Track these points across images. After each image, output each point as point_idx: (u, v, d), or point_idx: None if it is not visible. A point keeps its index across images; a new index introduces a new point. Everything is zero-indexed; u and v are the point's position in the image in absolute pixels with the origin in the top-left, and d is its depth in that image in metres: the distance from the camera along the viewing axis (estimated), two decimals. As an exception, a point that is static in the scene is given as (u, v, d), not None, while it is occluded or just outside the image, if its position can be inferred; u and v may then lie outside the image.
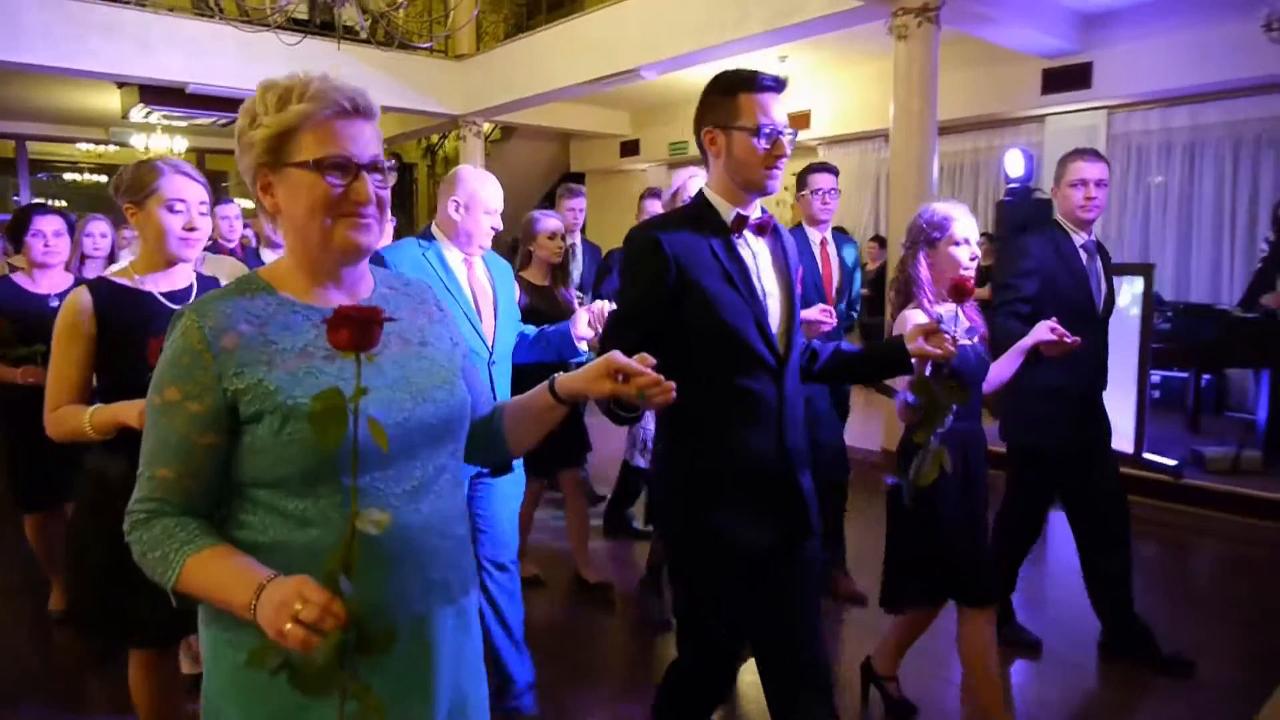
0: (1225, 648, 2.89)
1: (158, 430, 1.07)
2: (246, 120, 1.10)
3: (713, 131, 1.73)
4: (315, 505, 1.07)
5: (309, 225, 1.09)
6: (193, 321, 1.06)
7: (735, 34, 6.38)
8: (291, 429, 1.04)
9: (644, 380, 1.16)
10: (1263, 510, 4.40)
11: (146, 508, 1.07)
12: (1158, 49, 6.26)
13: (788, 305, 1.80)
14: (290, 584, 0.94)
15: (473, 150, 9.72)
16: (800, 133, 7.89)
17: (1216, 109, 6.56)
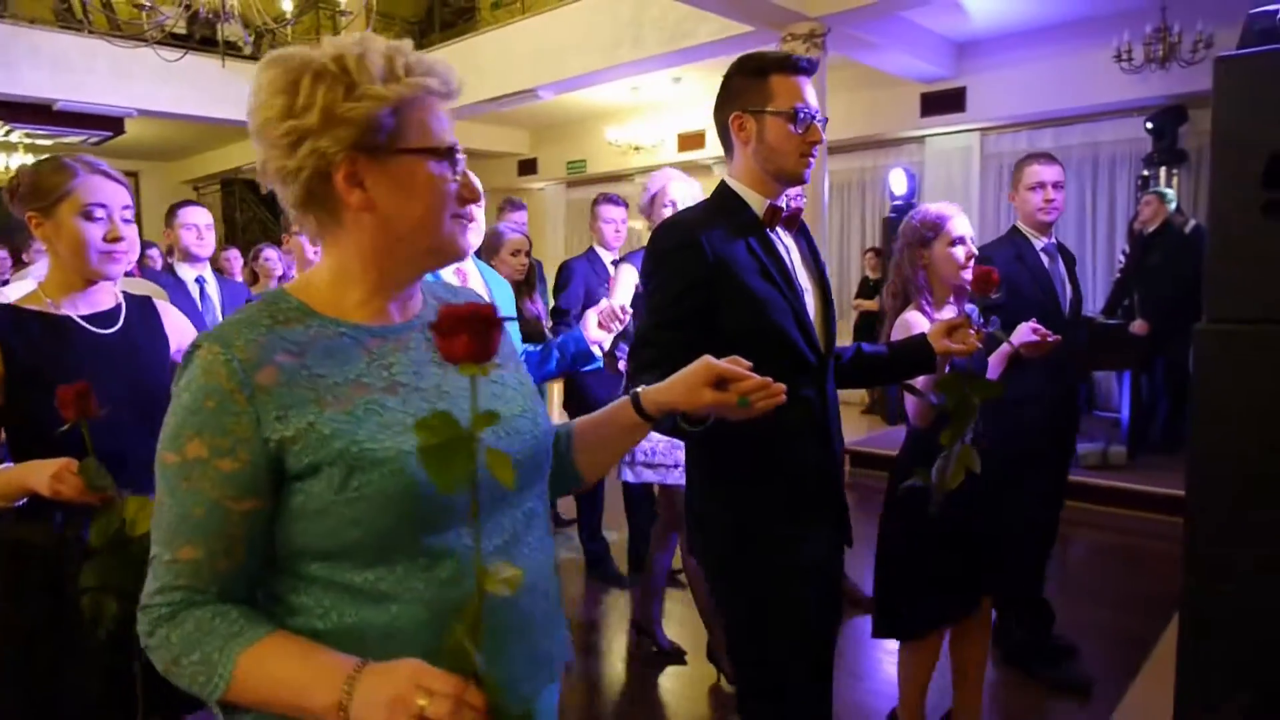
0: (1103, 630, 3.10)
1: (177, 498, 0.83)
2: (328, 89, 0.83)
3: (742, 116, 1.58)
4: (391, 575, 0.85)
5: (422, 227, 0.89)
6: (215, 354, 0.83)
7: (632, 55, 6.50)
8: (359, 482, 0.83)
9: (748, 384, 1.03)
10: (1130, 501, 4.77)
11: (169, 600, 0.83)
12: (1024, 76, 6.72)
13: (823, 301, 1.68)
14: (400, 672, 0.75)
15: (366, 169, 9.50)
16: (695, 152, 8.03)
17: (1078, 131, 7.10)
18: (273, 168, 0.87)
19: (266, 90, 0.85)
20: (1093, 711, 2.56)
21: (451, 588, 0.86)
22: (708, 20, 5.76)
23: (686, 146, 9.14)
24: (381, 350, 0.91)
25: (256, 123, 0.86)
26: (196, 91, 7.60)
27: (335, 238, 0.90)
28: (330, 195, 0.87)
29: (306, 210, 0.89)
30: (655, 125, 9.19)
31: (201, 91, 7.63)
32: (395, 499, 0.83)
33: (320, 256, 0.94)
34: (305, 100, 0.83)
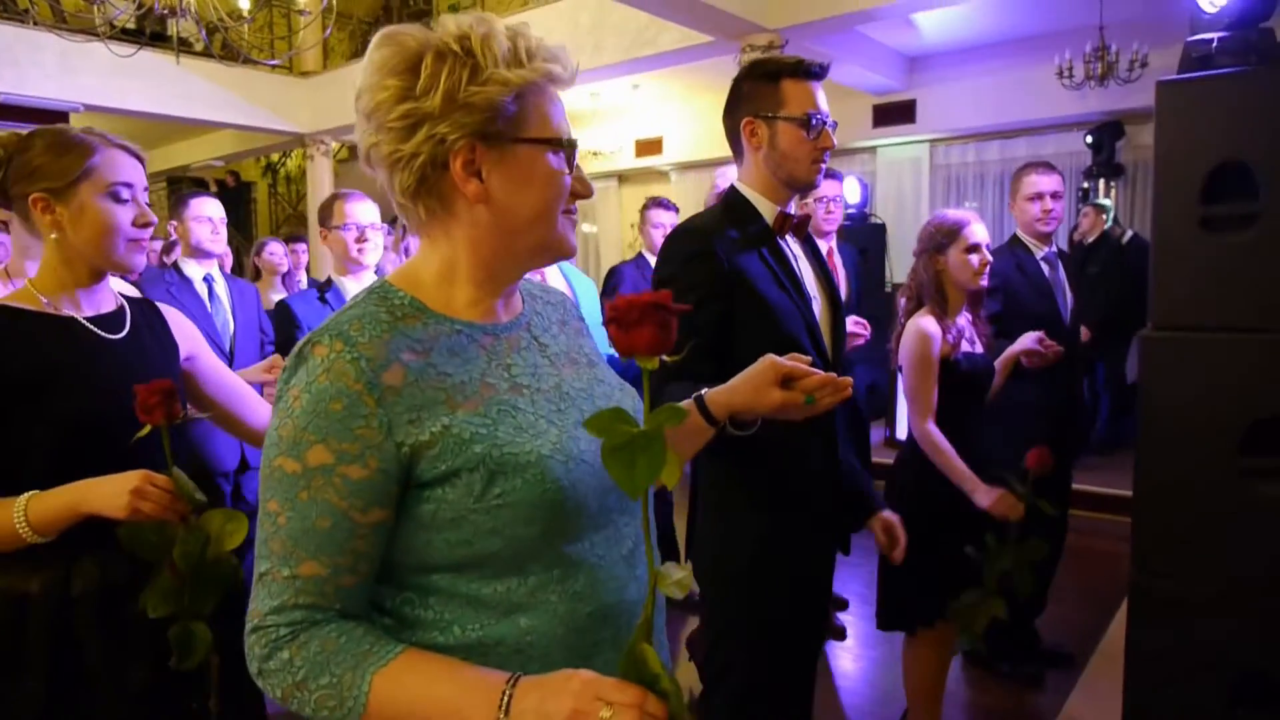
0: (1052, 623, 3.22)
1: (297, 509, 0.76)
2: (451, 71, 0.78)
3: (754, 122, 1.56)
4: (524, 586, 0.80)
5: (538, 221, 0.84)
6: (339, 352, 0.76)
7: (591, 63, 6.53)
8: (502, 489, 0.78)
9: (815, 380, 1.01)
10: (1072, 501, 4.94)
11: (290, 619, 0.76)
12: (971, 90, 6.94)
13: (832, 308, 1.66)
14: (574, 683, 0.70)
15: (321, 169, 9.38)
16: (652, 159, 8.09)
17: (1022, 144, 7.33)
18: (384, 152, 0.81)
19: (381, 70, 0.79)
20: (1047, 701, 2.66)
21: (583, 601, 0.82)
22: (668, 29, 5.83)
23: (644, 152, 9.22)
24: (497, 350, 0.86)
25: (368, 104, 0.80)
26: (146, 88, 7.41)
27: (446, 229, 0.85)
28: (445, 184, 0.82)
29: (417, 199, 0.83)
30: (614, 131, 9.24)
31: (152, 88, 7.45)
32: (539, 507, 0.79)
33: (424, 247, 0.88)
34: (427, 82, 0.78)
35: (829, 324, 1.65)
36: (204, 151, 11.13)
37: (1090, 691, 2.64)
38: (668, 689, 0.69)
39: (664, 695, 0.69)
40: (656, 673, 0.69)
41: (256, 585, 0.78)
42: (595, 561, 0.83)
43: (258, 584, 0.78)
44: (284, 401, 0.78)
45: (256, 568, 0.79)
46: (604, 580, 0.84)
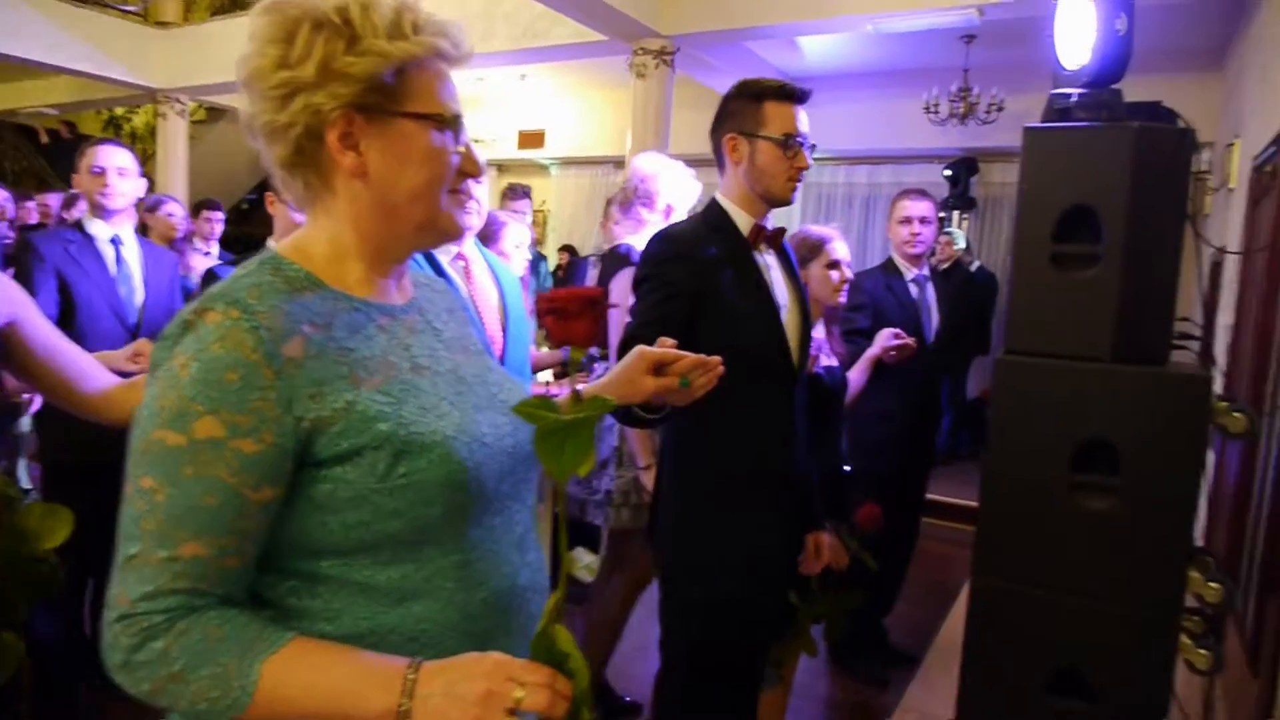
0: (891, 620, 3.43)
1: (180, 486, 0.71)
2: (327, 40, 0.77)
3: (736, 138, 1.65)
4: (420, 572, 0.79)
5: (418, 200, 0.82)
6: (235, 319, 0.73)
7: (480, 48, 6.39)
8: (407, 469, 0.76)
9: (684, 364, 1.01)
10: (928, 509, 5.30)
11: (166, 605, 0.71)
12: (846, 115, 7.29)
13: (801, 317, 1.75)
14: (483, 665, 0.70)
15: (174, 130, 8.73)
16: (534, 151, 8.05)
17: (887, 170, 7.79)
18: (261, 122, 0.79)
19: (259, 38, 0.78)
20: (890, 694, 2.84)
21: (478, 587, 0.82)
22: (562, 23, 5.81)
23: (527, 144, 9.13)
24: (394, 330, 0.85)
25: (246, 71, 0.79)
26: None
27: (326, 205, 0.83)
28: (322, 157, 0.80)
29: (294, 171, 0.81)
30: (497, 119, 9.10)
31: (-18, 22, 6.72)
32: (444, 487, 0.78)
33: (308, 222, 0.86)
34: (302, 50, 0.77)
35: (797, 333, 1.73)
36: (35, 96, 10.11)
37: (927, 684, 2.85)
38: (576, 668, 0.70)
39: (571, 675, 0.70)
40: (567, 652, 0.70)
41: (123, 569, 0.73)
42: (490, 546, 0.83)
43: (124, 567, 0.73)
44: (166, 370, 0.73)
45: (122, 550, 0.73)
46: (498, 566, 0.84)
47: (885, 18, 5.08)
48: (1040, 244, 1.84)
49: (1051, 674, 1.81)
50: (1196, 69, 5.63)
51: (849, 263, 2.31)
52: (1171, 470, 1.69)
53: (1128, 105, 1.82)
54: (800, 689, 2.36)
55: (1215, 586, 1.70)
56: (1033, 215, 1.87)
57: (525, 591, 0.87)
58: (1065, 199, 1.82)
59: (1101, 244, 1.78)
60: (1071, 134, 1.86)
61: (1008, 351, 1.90)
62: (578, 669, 0.71)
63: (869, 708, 2.74)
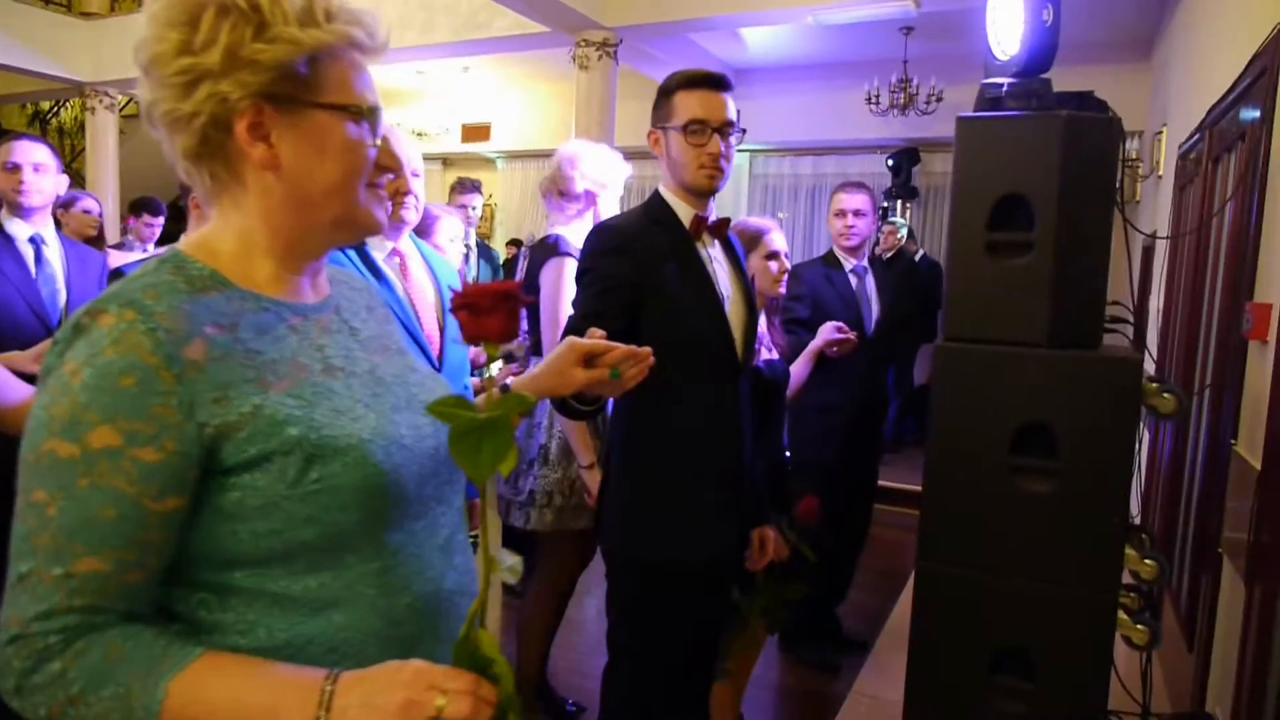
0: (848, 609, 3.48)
1: (74, 498, 0.68)
2: (234, 26, 0.73)
3: (655, 132, 1.69)
4: (338, 580, 0.76)
5: (334, 194, 0.79)
6: (130, 321, 0.69)
7: (420, 40, 6.31)
8: (319, 474, 0.73)
9: (615, 355, 1.01)
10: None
11: (62, 624, 0.67)
12: (789, 106, 7.35)
13: (746, 309, 1.74)
14: (403, 674, 0.68)
15: (103, 124, 8.45)
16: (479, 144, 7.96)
17: (831, 161, 7.88)
18: (162, 110, 0.75)
19: (159, 22, 0.74)
20: (843, 679, 2.88)
21: (401, 593, 0.79)
22: (503, 14, 5.74)
23: (471, 138, 9.02)
24: (306, 330, 0.82)
25: (145, 57, 0.75)
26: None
27: (235, 198, 0.79)
28: (230, 148, 0.76)
29: (200, 163, 0.77)
30: (440, 113, 8.98)
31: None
32: (360, 491, 0.75)
33: (215, 217, 0.82)
34: (206, 36, 0.73)
35: (742, 324, 1.73)
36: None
37: (878, 667, 2.89)
38: (500, 672, 0.69)
39: (495, 680, 0.69)
40: (491, 657, 0.69)
41: (14, 588, 0.68)
42: (413, 551, 0.81)
43: (15, 587, 0.68)
44: (56, 378, 0.69)
45: (13, 568, 0.69)
46: (421, 570, 0.81)
47: (825, 10, 5.12)
48: (975, 232, 1.87)
49: (995, 654, 1.84)
50: (1126, 60, 5.79)
51: (787, 253, 2.33)
52: (1106, 451, 1.73)
53: (1058, 95, 1.85)
54: (753, 679, 2.37)
55: (1151, 563, 1.75)
56: (967, 204, 1.89)
57: (452, 595, 0.85)
58: (998, 187, 1.85)
59: (1034, 231, 1.81)
60: (1002, 123, 1.89)
61: (947, 338, 1.93)
62: (502, 674, 0.69)
63: (822, 694, 2.77)
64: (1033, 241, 1.81)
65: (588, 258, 1.68)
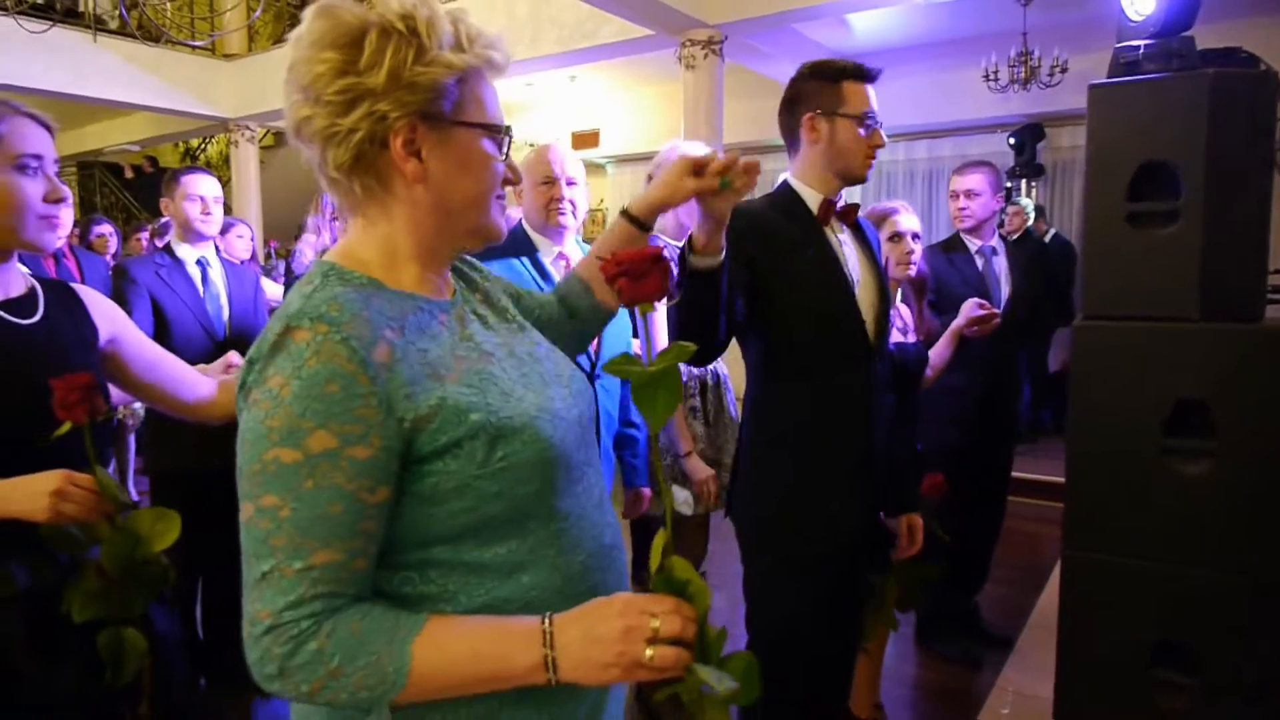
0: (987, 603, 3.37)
1: (304, 499, 0.74)
2: (396, 49, 0.78)
3: (815, 118, 1.69)
4: (524, 545, 0.83)
5: (473, 206, 0.86)
6: (324, 333, 0.75)
7: (528, 53, 6.50)
8: (504, 452, 0.80)
9: (721, 163, 1.05)
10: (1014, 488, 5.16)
11: (311, 611, 0.75)
12: (901, 90, 7.12)
13: (877, 293, 1.76)
14: (615, 605, 0.75)
15: (246, 156, 9.09)
16: (589, 151, 8.13)
17: (948, 144, 7.59)
18: (318, 126, 0.80)
19: (318, 43, 0.79)
20: (985, 676, 2.78)
21: (576, 551, 0.87)
22: (609, 22, 5.84)
23: (580, 145, 9.19)
24: (452, 324, 0.88)
25: (305, 76, 0.80)
26: (58, 66, 7.04)
27: (385, 207, 0.85)
28: (383, 162, 0.82)
29: (353, 176, 0.83)
30: (550, 122, 9.20)
31: (64, 66, 7.09)
32: (538, 465, 0.82)
33: (357, 227, 0.88)
34: (371, 58, 0.78)
35: (873, 308, 1.74)
36: (119, 135, 10.64)
37: (1023, 662, 2.79)
38: (696, 591, 0.75)
39: (692, 599, 0.76)
40: (686, 579, 0.76)
41: (259, 585, 0.75)
42: (579, 513, 0.88)
43: (260, 584, 0.75)
44: (265, 392, 0.75)
45: (255, 567, 0.76)
46: (588, 529, 0.88)
47: (938, -14, 4.95)
48: (1113, 204, 1.79)
49: (1153, 647, 1.75)
50: (1275, 11, 5.34)
51: (915, 234, 2.29)
52: (1270, 428, 1.62)
53: (1201, 53, 1.75)
54: (889, 672, 2.34)
55: (1326, 548, 1.62)
56: (1103, 175, 1.81)
57: (612, 549, 0.92)
58: (1138, 155, 1.76)
59: (1180, 199, 1.71)
60: (1141, 87, 1.80)
61: (1086, 317, 1.85)
62: (698, 592, 0.75)
63: (964, 690, 2.68)
64: (1179, 210, 1.72)
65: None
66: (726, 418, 2.43)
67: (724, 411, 2.42)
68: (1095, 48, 6.05)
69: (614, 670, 0.73)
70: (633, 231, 1.13)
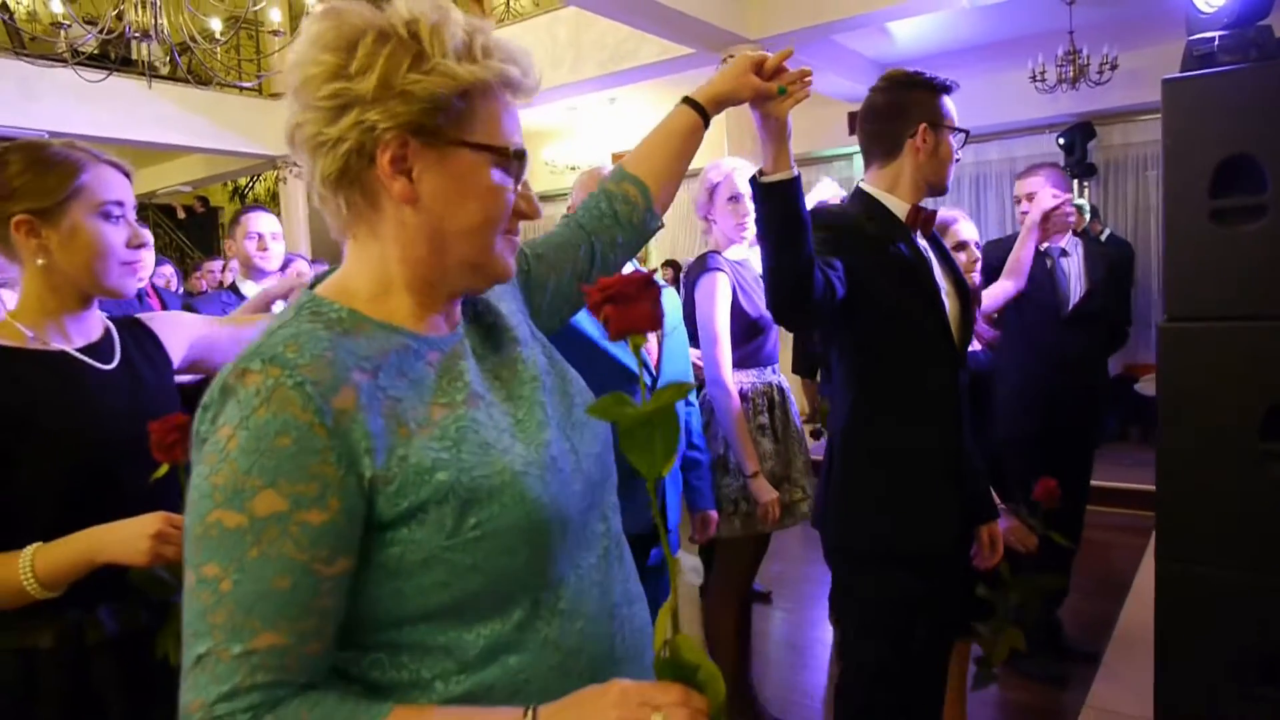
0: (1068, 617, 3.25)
1: (246, 570, 0.65)
2: (391, 54, 0.71)
3: (927, 129, 1.69)
4: (507, 624, 0.72)
5: (470, 237, 0.76)
6: (276, 378, 0.66)
7: (569, 77, 6.56)
8: (477, 519, 0.70)
9: (790, 75, 1.11)
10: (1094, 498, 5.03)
11: (248, 703, 0.64)
12: (944, 95, 7.07)
13: (959, 300, 1.77)
14: (609, 696, 0.64)
15: (294, 192, 9.30)
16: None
17: (994, 147, 7.48)
18: (307, 133, 0.73)
19: (315, 44, 0.72)
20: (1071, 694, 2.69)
21: (573, 618, 0.76)
22: (648, 42, 5.87)
23: (621, 165, 9.24)
24: (444, 364, 0.78)
25: (296, 78, 0.73)
26: (112, 112, 7.30)
27: (372, 229, 0.77)
28: (370, 177, 0.74)
29: (338, 189, 0.75)
30: (591, 145, 9.27)
31: (117, 112, 7.35)
32: (524, 531, 0.71)
33: (350, 252, 0.79)
34: (362, 62, 0.70)
35: (957, 315, 1.75)
36: (171, 177, 11.00)
37: (1111, 679, 2.68)
38: (706, 678, 0.65)
39: (702, 687, 0.65)
40: (695, 663, 0.65)
41: (193, 670, 0.65)
42: (578, 574, 0.77)
43: (194, 669, 0.65)
44: (213, 445, 0.67)
45: (192, 648, 0.66)
46: (588, 590, 0.78)
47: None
48: (1196, 202, 1.73)
49: (1258, 661, 1.67)
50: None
51: (977, 242, 2.28)
52: (1380, 429, 1.54)
53: (1279, 42, 1.69)
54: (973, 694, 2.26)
55: None
56: (1182, 172, 1.75)
57: (621, 608, 0.80)
58: (1219, 151, 1.70)
59: (1266, 193, 1.65)
60: (1218, 79, 1.74)
61: (1171, 318, 1.79)
62: (708, 679, 0.64)
63: (1050, 709, 2.59)
64: (1266, 204, 1.66)
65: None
66: (793, 430, 2.40)
67: (790, 425, 2.39)
68: (1146, 43, 5.92)
69: None
70: (695, 120, 1.12)
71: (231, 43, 8.67)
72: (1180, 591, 1.77)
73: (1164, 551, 1.79)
